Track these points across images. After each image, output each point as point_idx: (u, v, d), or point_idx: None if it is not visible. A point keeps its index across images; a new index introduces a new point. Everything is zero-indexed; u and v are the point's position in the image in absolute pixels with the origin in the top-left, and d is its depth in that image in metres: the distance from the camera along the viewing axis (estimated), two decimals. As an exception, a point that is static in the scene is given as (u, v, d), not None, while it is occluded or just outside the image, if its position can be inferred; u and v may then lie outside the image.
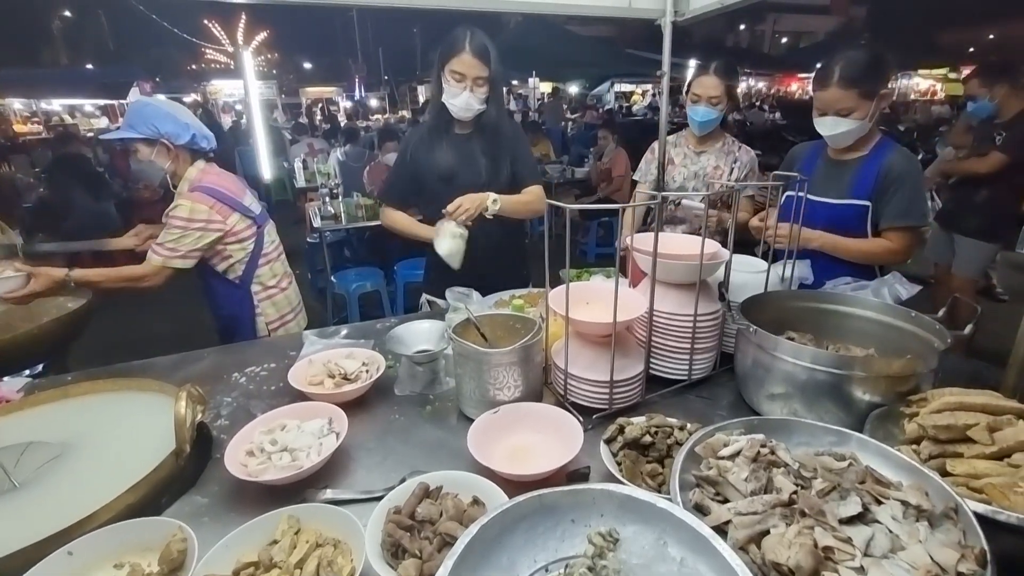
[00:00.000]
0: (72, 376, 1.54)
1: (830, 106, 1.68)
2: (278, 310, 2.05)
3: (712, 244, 1.34)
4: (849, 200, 1.75)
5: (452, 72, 1.77)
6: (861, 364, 1.06)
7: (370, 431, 1.22)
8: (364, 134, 8.62)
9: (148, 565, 0.82)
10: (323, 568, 0.79)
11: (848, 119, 1.67)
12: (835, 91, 1.65)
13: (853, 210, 1.75)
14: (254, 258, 1.95)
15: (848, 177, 1.77)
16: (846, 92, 1.64)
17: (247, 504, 0.99)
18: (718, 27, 23.31)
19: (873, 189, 1.71)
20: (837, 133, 1.71)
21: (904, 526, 0.70)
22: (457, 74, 1.77)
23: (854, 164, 1.77)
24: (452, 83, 1.78)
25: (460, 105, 1.80)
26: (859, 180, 1.74)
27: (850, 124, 1.67)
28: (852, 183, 1.75)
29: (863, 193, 1.73)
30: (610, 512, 0.76)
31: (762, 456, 0.86)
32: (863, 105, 1.65)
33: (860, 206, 1.74)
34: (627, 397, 1.24)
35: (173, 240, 1.78)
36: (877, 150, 1.76)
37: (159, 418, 1.16)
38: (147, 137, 1.78)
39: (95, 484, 1.00)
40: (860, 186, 1.74)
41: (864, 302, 1.36)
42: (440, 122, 1.91)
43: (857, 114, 1.66)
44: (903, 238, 1.72)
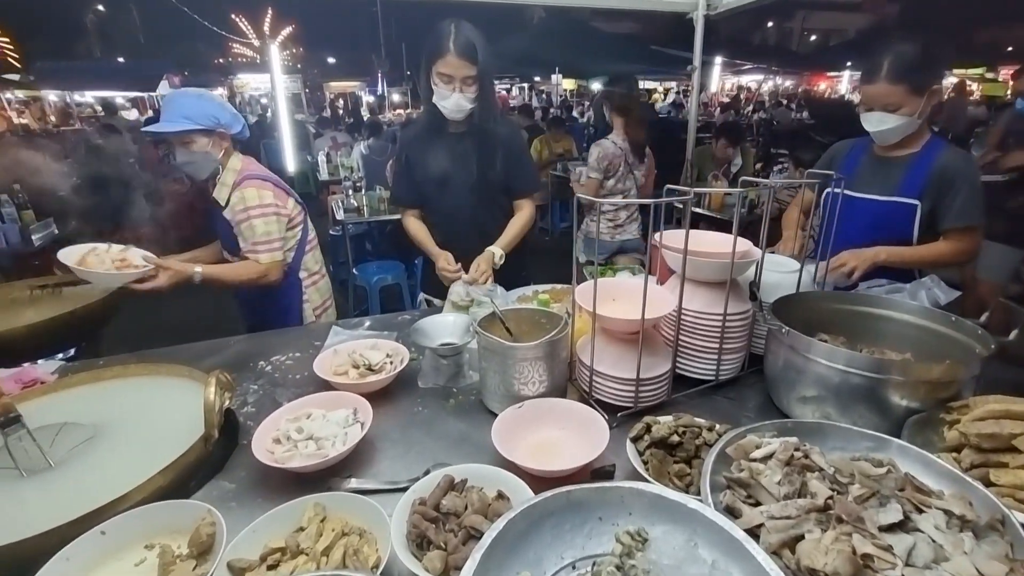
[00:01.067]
0: (104, 360, 1.58)
1: (877, 101, 1.62)
2: (321, 296, 2.09)
3: (744, 242, 1.31)
4: (897, 197, 1.69)
5: (439, 74, 1.72)
6: (899, 368, 1.02)
7: (394, 422, 1.23)
8: (387, 128, 8.67)
9: (178, 547, 0.84)
10: (349, 557, 0.79)
11: (895, 115, 1.61)
12: (883, 86, 1.59)
13: (900, 208, 1.69)
14: (302, 245, 1.99)
15: (897, 174, 1.71)
16: (894, 87, 1.58)
17: (273, 490, 1.00)
18: (745, 24, 22.87)
19: (925, 188, 1.65)
20: (883, 129, 1.65)
21: (948, 536, 0.68)
22: (444, 76, 1.71)
23: (904, 161, 1.71)
24: (440, 85, 1.73)
25: (451, 107, 1.76)
26: (909, 178, 1.68)
27: (897, 120, 1.61)
28: (901, 181, 1.69)
29: (913, 191, 1.67)
30: (639, 511, 0.75)
31: (796, 460, 0.84)
32: (912, 101, 1.59)
33: (908, 204, 1.68)
34: (653, 396, 1.23)
35: (262, 233, 1.79)
36: (928, 148, 1.69)
37: (188, 403, 1.18)
38: (206, 128, 1.76)
39: (126, 466, 1.02)
40: (910, 184, 1.68)
41: (900, 305, 1.32)
42: (433, 122, 1.88)
43: (905, 110, 1.60)
44: (968, 238, 1.67)
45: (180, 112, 1.74)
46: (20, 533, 0.80)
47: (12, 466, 1.03)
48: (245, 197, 1.80)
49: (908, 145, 1.71)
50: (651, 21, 14.24)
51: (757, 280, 1.31)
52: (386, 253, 5.06)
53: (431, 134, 1.91)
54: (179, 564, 0.80)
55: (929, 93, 1.59)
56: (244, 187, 1.81)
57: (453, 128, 1.90)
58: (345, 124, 10.49)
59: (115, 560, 0.83)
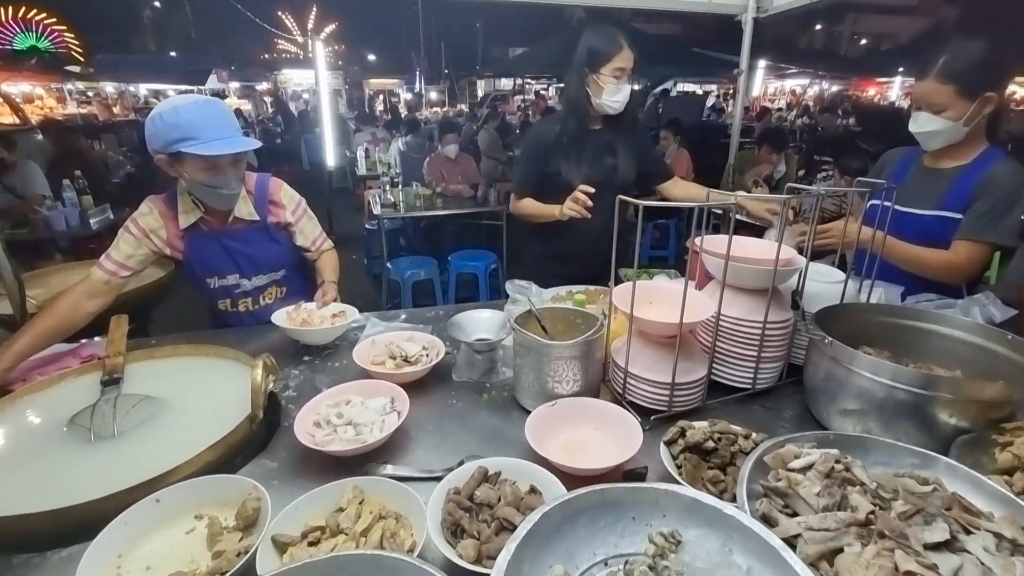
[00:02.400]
0: (155, 340, 1.66)
1: (924, 100, 1.53)
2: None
3: (787, 250, 1.29)
4: (940, 211, 1.60)
5: (616, 70, 1.83)
6: (949, 385, 0.99)
7: (429, 413, 1.25)
8: (424, 126, 8.79)
9: (225, 519, 0.88)
10: (387, 539, 0.81)
11: (939, 117, 1.51)
12: (931, 83, 1.50)
13: (944, 223, 1.60)
14: None
15: (942, 187, 1.62)
16: (942, 86, 1.48)
17: (312, 471, 1.04)
18: (792, 26, 22.21)
19: (968, 203, 1.56)
20: (925, 131, 1.55)
21: (998, 559, 0.66)
22: (619, 71, 1.83)
23: (951, 174, 1.61)
24: (613, 82, 1.84)
25: (621, 99, 1.87)
26: (954, 191, 1.59)
27: (940, 124, 1.52)
28: (945, 194, 1.60)
29: (956, 205, 1.58)
30: (673, 514, 0.75)
31: (836, 472, 0.82)
32: (959, 104, 1.49)
33: (952, 219, 1.58)
34: (687, 401, 1.22)
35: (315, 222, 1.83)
36: (981, 160, 1.58)
37: (234, 384, 1.24)
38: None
39: (177, 440, 1.07)
40: (954, 198, 1.58)
41: (951, 320, 1.27)
42: (581, 123, 1.97)
43: (950, 113, 1.50)
44: (970, 253, 1.54)
45: (237, 126, 1.54)
46: (84, 495, 0.86)
47: (87, 426, 1.10)
48: (291, 194, 1.75)
49: (959, 156, 1.61)
50: (693, 23, 14.00)
51: (800, 289, 1.29)
52: (419, 249, 5.15)
53: (577, 133, 1.98)
54: (226, 535, 0.84)
55: (982, 100, 1.48)
56: (279, 187, 1.75)
57: (592, 124, 2.00)
58: (383, 121, 10.70)
59: (167, 528, 0.87)
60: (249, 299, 1.73)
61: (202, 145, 1.38)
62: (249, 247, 1.67)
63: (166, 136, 1.40)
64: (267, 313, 1.60)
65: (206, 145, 1.38)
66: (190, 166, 1.44)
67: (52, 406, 1.21)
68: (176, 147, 1.39)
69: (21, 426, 1.16)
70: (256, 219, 1.68)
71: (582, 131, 1.99)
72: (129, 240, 1.57)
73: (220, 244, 1.64)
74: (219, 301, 1.72)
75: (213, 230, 1.64)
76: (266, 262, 1.72)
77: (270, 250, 1.72)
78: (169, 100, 1.46)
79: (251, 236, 1.68)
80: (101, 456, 1.06)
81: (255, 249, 1.68)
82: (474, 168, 5.53)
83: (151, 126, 1.43)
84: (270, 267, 1.74)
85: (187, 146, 1.38)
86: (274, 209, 1.72)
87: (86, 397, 1.21)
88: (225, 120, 1.46)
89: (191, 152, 1.38)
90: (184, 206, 1.60)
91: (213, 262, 1.65)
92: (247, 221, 1.66)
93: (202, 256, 1.64)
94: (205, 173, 1.46)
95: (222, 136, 1.42)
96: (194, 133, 1.38)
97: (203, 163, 1.43)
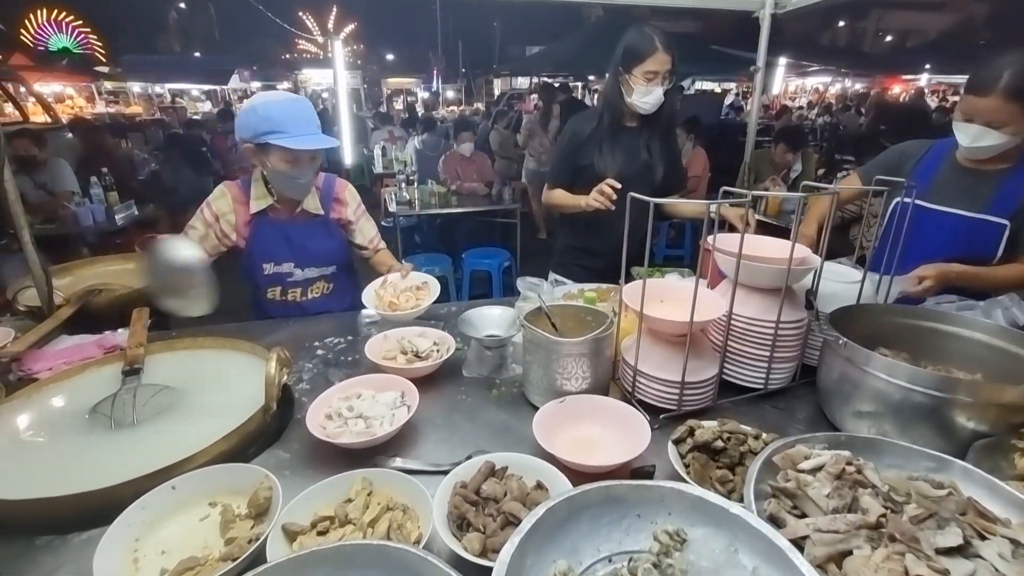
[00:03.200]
0: (175, 332, 1.70)
1: (982, 114, 1.47)
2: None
3: (801, 249, 1.27)
4: (985, 215, 1.55)
5: (647, 72, 1.82)
6: (967, 388, 0.97)
7: (438, 408, 1.26)
8: (440, 125, 8.83)
9: (238, 507, 0.90)
10: (393, 530, 0.82)
11: (998, 132, 1.46)
12: (996, 100, 1.43)
13: (987, 227, 1.55)
14: None
15: (987, 189, 1.56)
16: (1008, 104, 1.42)
17: (323, 463, 1.06)
18: (814, 23, 21.80)
19: (1019, 208, 1.51)
20: (980, 146, 1.50)
21: (1013, 566, 0.64)
22: (651, 73, 1.82)
23: (997, 176, 1.56)
24: (645, 83, 1.84)
25: (653, 102, 1.86)
26: (1003, 195, 1.54)
27: (998, 139, 1.47)
28: (993, 197, 1.55)
29: (1005, 210, 1.53)
30: (679, 512, 0.75)
31: (847, 474, 0.81)
32: (1021, 120, 1.44)
33: (997, 224, 1.54)
34: (697, 400, 1.21)
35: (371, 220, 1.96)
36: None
37: (249, 376, 1.26)
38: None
39: (194, 429, 1.09)
40: (1003, 202, 1.54)
41: (973, 323, 1.24)
42: (613, 119, 1.98)
43: (1009, 128, 1.45)
44: None
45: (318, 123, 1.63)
46: (103, 481, 0.88)
47: (108, 415, 1.14)
48: (353, 194, 1.88)
49: (1003, 158, 1.55)
50: (712, 20, 13.81)
51: (814, 288, 1.27)
52: (434, 246, 5.18)
53: (611, 131, 1.99)
54: (238, 522, 0.86)
55: None
56: (344, 186, 1.87)
57: (628, 121, 2.00)
58: (400, 119, 10.78)
59: (183, 514, 0.90)
60: (299, 289, 1.81)
61: (289, 139, 1.51)
62: (308, 239, 1.78)
63: (257, 127, 1.53)
64: (312, 306, 1.73)
65: (293, 139, 1.52)
66: (274, 156, 1.56)
67: (75, 394, 1.25)
68: (265, 138, 1.52)
69: (45, 413, 1.20)
70: (320, 213, 1.79)
71: (616, 127, 2.00)
72: (202, 221, 1.71)
73: (282, 232, 1.74)
74: (269, 289, 1.80)
75: (279, 218, 1.75)
76: (321, 255, 1.82)
77: (326, 244, 1.82)
78: (263, 95, 1.59)
79: (312, 229, 1.79)
80: (120, 444, 1.09)
81: (313, 242, 1.79)
82: (489, 166, 5.54)
83: (244, 117, 1.56)
84: (323, 261, 1.83)
85: (275, 138, 1.51)
86: (337, 206, 1.85)
87: (108, 386, 1.24)
88: (310, 117, 1.59)
89: (278, 144, 1.51)
90: (257, 192, 1.71)
91: (273, 248, 1.75)
92: (311, 214, 1.77)
93: (264, 241, 1.74)
94: (287, 164, 1.58)
95: (306, 132, 1.55)
96: (282, 127, 1.51)
97: (287, 155, 1.55)
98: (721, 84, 18.26)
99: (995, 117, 1.46)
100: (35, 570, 0.83)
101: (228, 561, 0.78)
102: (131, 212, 4.33)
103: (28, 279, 1.69)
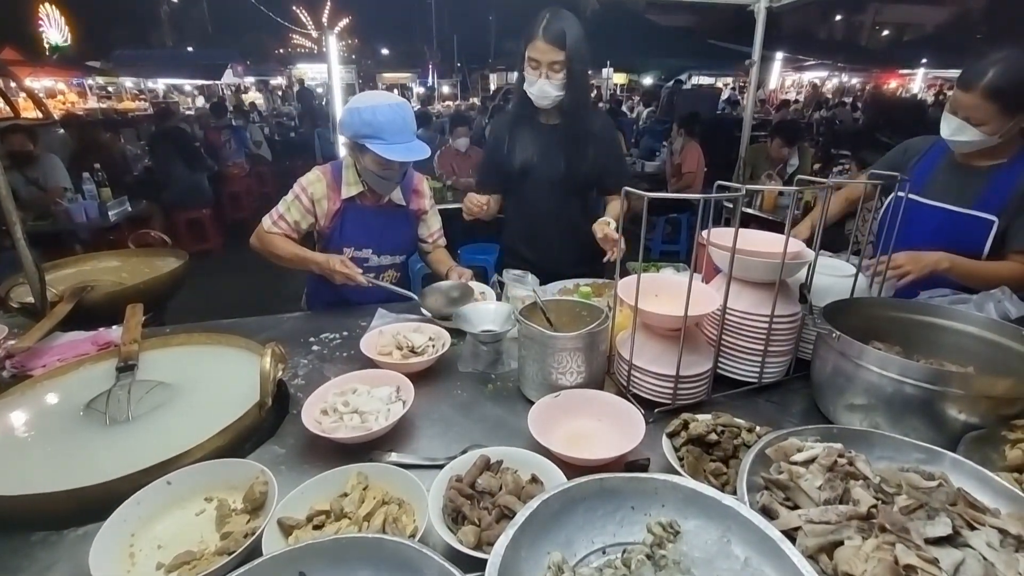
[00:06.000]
0: (170, 329, 1.69)
1: (963, 109, 1.49)
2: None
3: (795, 243, 1.28)
4: (973, 211, 1.56)
5: (529, 59, 1.76)
6: (959, 381, 0.98)
7: (433, 403, 1.27)
8: (435, 120, 8.79)
9: (234, 502, 0.90)
10: (389, 524, 0.83)
11: (976, 129, 1.48)
12: (975, 97, 1.45)
13: (975, 222, 1.56)
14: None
15: (977, 185, 1.57)
16: (986, 102, 1.44)
17: (319, 458, 1.06)
18: (810, 16, 21.80)
19: (1007, 204, 1.52)
20: (957, 140, 1.52)
21: (1001, 555, 0.65)
22: (533, 60, 1.75)
23: (987, 172, 1.57)
24: (529, 70, 1.78)
25: (536, 93, 1.79)
26: (991, 191, 1.55)
27: (975, 135, 1.49)
28: (981, 193, 1.56)
29: (992, 206, 1.54)
30: (672, 504, 0.75)
31: (839, 466, 0.82)
32: (999, 120, 1.45)
33: (985, 220, 1.55)
34: (692, 394, 1.21)
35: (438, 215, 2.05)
36: (1018, 160, 1.54)
37: (244, 372, 1.26)
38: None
39: (189, 425, 1.09)
40: (991, 198, 1.54)
41: (965, 316, 1.25)
42: (524, 110, 1.90)
43: (987, 128, 1.47)
44: None
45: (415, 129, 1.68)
46: (99, 477, 0.89)
47: (103, 411, 1.14)
48: (427, 186, 1.94)
49: (994, 155, 1.56)
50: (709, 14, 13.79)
51: (808, 282, 1.28)
52: (430, 241, 5.14)
53: (521, 122, 1.94)
54: (234, 517, 0.87)
55: (1021, 117, 1.45)
56: (421, 179, 1.93)
57: (544, 118, 1.92)
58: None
59: (178, 508, 0.90)
60: (372, 274, 1.84)
61: (385, 147, 1.59)
62: (388, 228, 1.86)
63: (357, 129, 1.61)
64: (381, 293, 1.79)
65: (388, 147, 1.59)
66: (368, 158, 1.65)
67: (69, 391, 1.25)
68: (363, 141, 1.61)
69: (40, 409, 1.20)
70: (403, 204, 1.87)
71: (526, 119, 1.91)
72: (299, 208, 1.76)
73: (367, 219, 1.82)
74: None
75: (365, 206, 1.82)
76: (397, 244, 1.92)
77: (404, 234, 1.92)
78: (368, 96, 1.67)
79: (394, 219, 1.87)
80: (116, 439, 1.09)
81: (392, 231, 1.88)
82: (485, 162, 5.52)
83: (348, 116, 1.63)
84: (399, 250, 1.93)
85: (372, 144, 1.59)
86: (416, 198, 1.92)
87: (102, 383, 1.24)
88: (409, 125, 1.65)
89: (374, 150, 1.59)
90: (349, 178, 1.78)
91: (357, 234, 1.82)
92: (395, 204, 1.86)
93: (350, 226, 1.80)
94: (378, 166, 1.67)
95: (402, 141, 1.62)
96: (381, 134, 1.59)
97: (380, 159, 1.63)
98: (719, 78, 18.24)
99: (974, 114, 1.47)
100: (31, 566, 0.83)
101: (224, 555, 0.78)
102: (124, 208, 4.31)
103: (20, 276, 1.68)
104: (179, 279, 2.04)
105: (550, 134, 1.91)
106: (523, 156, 1.92)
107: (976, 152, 1.57)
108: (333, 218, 1.78)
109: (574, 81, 1.78)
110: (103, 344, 1.52)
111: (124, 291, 1.75)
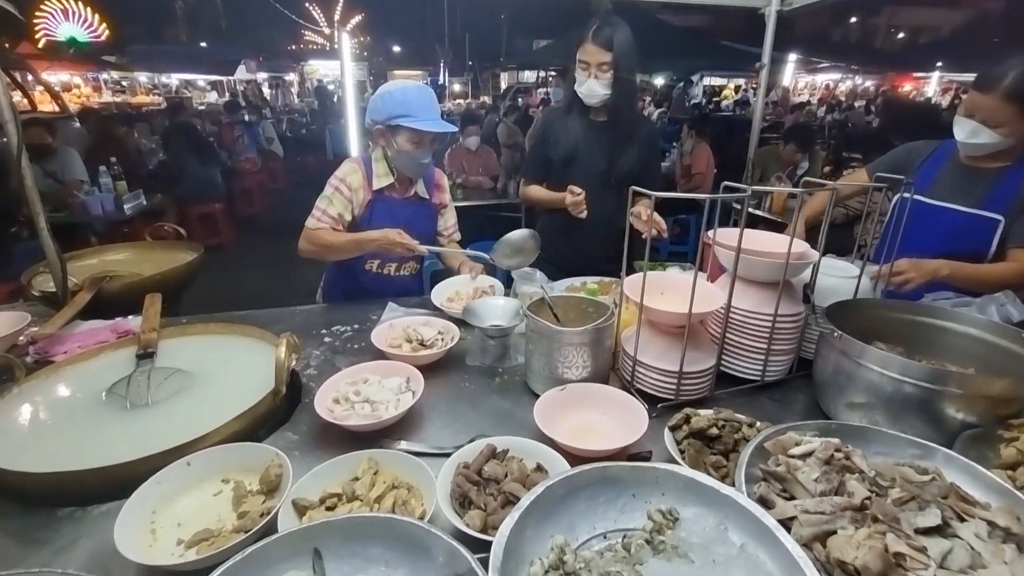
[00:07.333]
0: (186, 319, 1.74)
1: (981, 111, 1.49)
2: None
3: (800, 244, 1.30)
4: (980, 211, 1.57)
5: (579, 61, 1.88)
6: (957, 381, 1.00)
7: (442, 395, 1.30)
8: (446, 118, 8.82)
9: (250, 483, 0.94)
10: (398, 506, 0.86)
11: (993, 131, 1.48)
12: (996, 99, 1.45)
13: (981, 222, 1.57)
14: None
15: (984, 186, 1.58)
16: (1007, 105, 1.44)
17: (331, 444, 1.10)
18: (824, 19, 21.62)
19: (1013, 203, 1.53)
20: (973, 142, 1.53)
21: (988, 545, 0.67)
22: (583, 62, 1.87)
23: (994, 173, 1.58)
24: (580, 71, 1.89)
25: (585, 92, 1.90)
26: (998, 191, 1.56)
27: (991, 138, 1.49)
28: (988, 193, 1.57)
29: (999, 206, 1.55)
30: (672, 492, 0.78)
31: (836, 460, 0.84)
32: (1017, 123, 1.46)
33: (991, 219, 1.56)
34: (695, 390, 1.24)
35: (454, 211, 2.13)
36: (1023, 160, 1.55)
37: (259, 361, 1.30)
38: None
39: (207, 410, 1.13)
40: (997, 198, 1.56)
41: (967, 318, 1.27)
42: (575, 107, 2.01)
43: (1004, 130, 1.47)
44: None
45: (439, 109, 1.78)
46: (121, 457, 0.92)
47: (124, 395, 1.18)
48: (447, 181, 2.01)
49: (1001, 157, 1.57)
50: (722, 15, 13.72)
51: (812, 283, 1.30)
52: (438, 239, 5.18)
53: (571, 116, 2.03)
54: (250, 498, 0.90)
55: None
56: (442, 175, 2.00)
57: (593, 115, 2.02)
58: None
59: (197, 489, 0.94)
60: (395, 264, 1.96)
61: (418, 122, 1.68)
62: (413, 220, 1.90)
63: (392, 111, 1.69)
64: (400, 281, 1.95)
65: (421, 122, 1.68)
66: (401, 137, 1.73)
67: (91, 376, 1.29)
68: (396, 120, 1.69)
69: (64, 393, 1.25)
70: (427, 197, 1.96)
71: (576, 114, 2.01)
72: (340, 200, 1.81)
73: (395, 211, 1.88)
74: (369, 261, 1.95)
75: (393, 197, 1.89)
76: (421, 236, 1.92)
77: (426, 226, 1.98)
78: (395, 83, 1.78)
79: (419, 211, 1.95)
80: (136, 423, 1.13)
81: (416, 223, 1.91)
82: (494, 160, 5.55)
83: (379, 101, 1.72)
84: (421, 241, 1.92)
85: (406, 121, 1.67)
86: (437, 192, 2.01)
87: (122, 369, 1.28)
88: (435, 105, 1.76)
89: (408, 126, 1.67)
90: (379, 170, 1.84)
91: (384, 223, 1.85)
92: (420, 198, 1.94)
93: (380, 217, 1.86)
94: (412, 144, 1.74)
95: (431, 117, 1.72)
96: (412, 111, 1.68)
97: (414, 136, 1.71)
98: (731, 80, 18.14)
99: (992, 116, 1.47)
100: (58, 539, 0.87)
101: (241, 532, 0.82)
102: (139, 202, 4.38)
103: (41, 265, 1.73)
104: (194, 271, 2.08)
105: (597, 130, 2.01)
106: (569, 147, 2.02)
107: (984, 155, 1.58)
108: (364, 208, 1.85)
109: (621, 80, 1.88)
110: (122, 332, 1.57)
111: (142, 281, 1.80)
